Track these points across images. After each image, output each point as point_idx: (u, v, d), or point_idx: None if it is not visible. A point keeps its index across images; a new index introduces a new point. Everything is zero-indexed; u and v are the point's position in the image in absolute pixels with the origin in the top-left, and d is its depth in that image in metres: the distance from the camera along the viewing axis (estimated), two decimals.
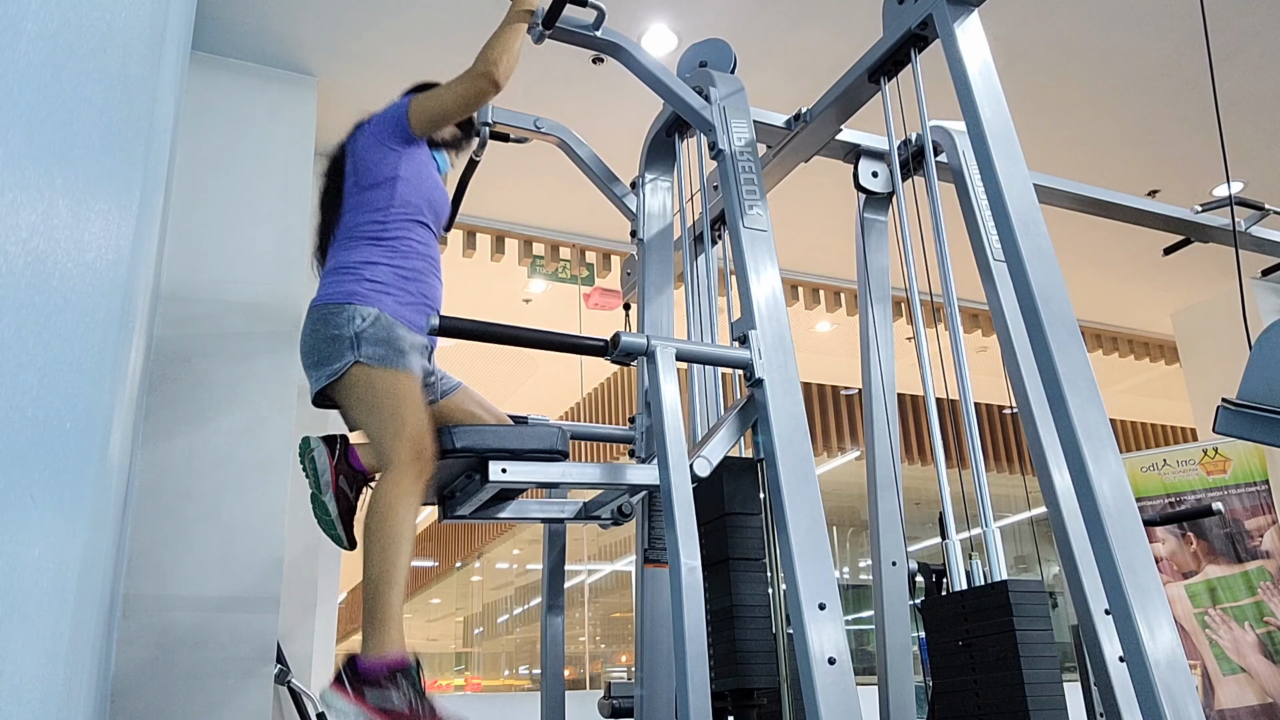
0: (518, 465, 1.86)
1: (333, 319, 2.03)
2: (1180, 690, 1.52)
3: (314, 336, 2.05)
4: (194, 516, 2.97)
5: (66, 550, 0.80)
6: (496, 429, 1.92)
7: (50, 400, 0.62)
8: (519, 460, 1.87)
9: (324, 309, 2.06)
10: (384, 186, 2.16)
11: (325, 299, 2.08)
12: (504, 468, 1.85)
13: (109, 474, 1.28)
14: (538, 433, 1.92)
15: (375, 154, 2.18)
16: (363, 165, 2.18)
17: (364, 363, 1.98)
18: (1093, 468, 1.66)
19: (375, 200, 2.15)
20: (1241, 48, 3.71)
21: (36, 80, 0.50)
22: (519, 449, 1.87)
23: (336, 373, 1.99)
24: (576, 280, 5.02)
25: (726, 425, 1.92)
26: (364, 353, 1.99)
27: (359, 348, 1.99)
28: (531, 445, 1.89)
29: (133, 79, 1.00)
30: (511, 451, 1.87)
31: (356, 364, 1.98)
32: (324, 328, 2.03)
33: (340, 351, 2.00)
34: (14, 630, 0.57)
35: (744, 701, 2.06)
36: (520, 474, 1.86)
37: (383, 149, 2.18)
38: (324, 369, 2.01)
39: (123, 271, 1.12)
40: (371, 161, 2.17)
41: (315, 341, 2.04)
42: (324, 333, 2.03)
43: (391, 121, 2.20)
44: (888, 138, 2.36)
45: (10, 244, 0.47)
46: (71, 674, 1.01)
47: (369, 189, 2.16)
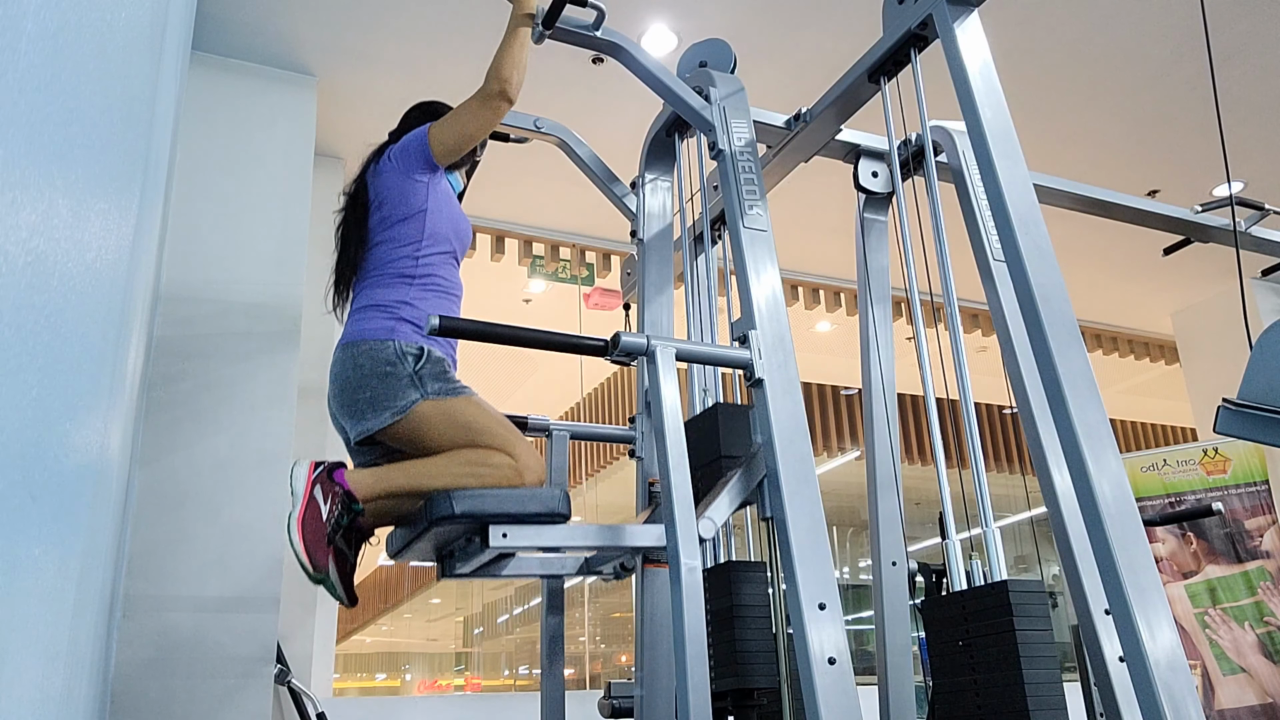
0: (518, 529, 1.84)
1: (378, 354, 2.00)
2: (1180, 690, 1.52)
3: (358, 373, 2.01)
4: (194, 516, 2.97)
5: (66, 550, 0.80)
6: (497, 493, 1.87)
7: (50, 400, 0.62)
8: (519, 524, 1.84)
9: (365, 345, 2.02)
10: (414, 220, 2.14)
11: (365, 335, 2.04)
12: (504, 532, 1.82)
13: (109, 474, 1.28)
14: (539, 495, 1.89)
15: (402, 187, 2.16)
16: (389, 199, 2.16)
17: (433, 399, 1.97)
18: (1093, 468, 1.66)
19: (406, 234, 2.14)
20: (1241, 48, 3.71)
21: (36, 80, 0.50)
22: (519, 513, 1.84)
23: (402, 410, 1.96)
24: (576, 280, 5.02)
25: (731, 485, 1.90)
26: (430, 389, 1.97)
27: (424, 385, 1.98)
28: (532, 509, 1.86)
29: (133, 79, 1.00)
30: (511, 515, 1.84)
31: (425, 401, 1.96)
32: (370, 364, 2.00)
33: (400, 389, 1.97)
34: (14, 630, 0.57)
35: (744, 701, 2.06)
36: (521, 539, 1.84)
37: (409, 181, 2.16)
38: (383, 407, 1.97)
39: (123, 271, 1.12)
40: (399, 195, 2.15)
41: (361, 378, 2.00)
42: (372, 369, 1.99)
43: (414, 152, 2.17)
44: (888, 138, 2.36)
45: (10, 244, 0.47)
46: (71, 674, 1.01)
47: (398, 223, 2.14)
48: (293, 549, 1.85)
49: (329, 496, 1.90)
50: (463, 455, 1.95)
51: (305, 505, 1.88)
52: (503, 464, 1.94)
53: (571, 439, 2.70)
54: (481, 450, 1.96)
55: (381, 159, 2.23)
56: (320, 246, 3.94)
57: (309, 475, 1.92)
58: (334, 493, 1.91)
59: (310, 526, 1.87)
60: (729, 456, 2.09)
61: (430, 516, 1.83)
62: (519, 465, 1.95)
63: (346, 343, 2.06)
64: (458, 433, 1.97)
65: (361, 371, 2.00)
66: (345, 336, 2.09)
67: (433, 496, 1.84)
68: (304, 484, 1.90)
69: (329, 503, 1.90)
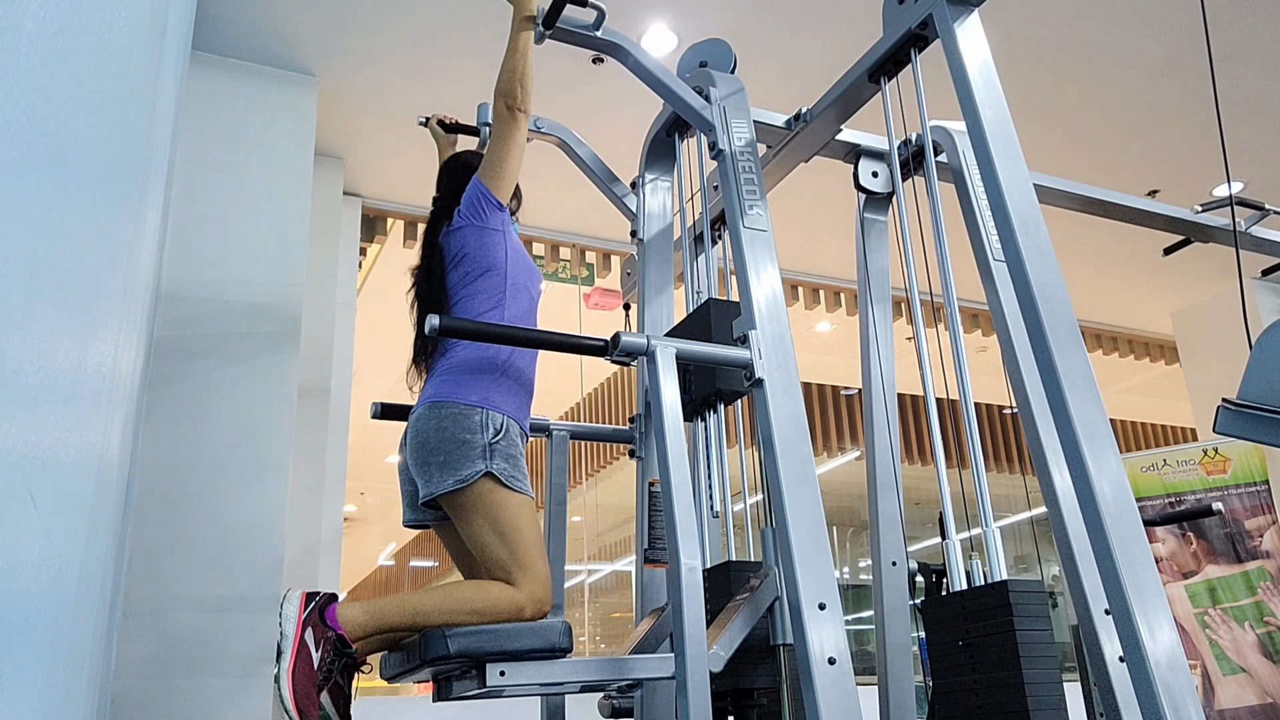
0: (516, 667, 1.78)
1: (464, 420, 1.98)
2: (1180, 690, 1.52)
3: (440, 435, 1.98)
4: (194, 516, 2.97)
5: (66, 550, 0.80)
6: (494, 630, 1.80)
7: (50, 400, 0.62)
8: (518, 661, 1.79)
9: (454, 408, 1.99)
10: (496, 271, 2.14)
11: (456, 398, 2.01)
12: (502, 670, 1.77)
13: (109, 474, 1.28)
14: (538, 630, 1.82)
15: (480, 240, 2.15)
16: (470, 254, 2.15)
17: (495, 476, 1.95)
18: (1093, 468, 1.66)
19: (489, 287, 2.13)
20: (1241, 48, 3.71)
21: (36, 80, 0.50)
22: (517, 650, 1.78)
23: (466, 480, 1.93)
24: (576, 280, 5.02)
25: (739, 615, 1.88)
26: (496, 466, 1.95)
27: (491, 459, 1.95)
28: (530, 644, 1.80)
29: (133, 79, 1.00)
30: (509, 653, 1.78)
31: (488, 475, 1.94)
32: (454, 428, 1.97)
33: (471, 458, 1.95)
34: (14, 630, 0.57)
35: (744, 701, 2.06)
36: (519, 677, 1.78)
37: (486, 233, 2.16)
38: (450, 473, 1.95)
39: (123, 271, 1.12)
40: (478, 249, 2.15)
41: (441, 440, 1.97)
42: (453, 434, 1.97)
43: (481, 204, 2.16)
44: (888, 138, 2.36)
45: (10, 244, 0.47)
46: (71, 674, 1.01)
47: (480, 277, 2.14)
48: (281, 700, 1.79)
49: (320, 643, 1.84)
50: (460, 590, 1.91)
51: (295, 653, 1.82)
52: (502, 598, 1.89)
53: (571, 439, 2.70)
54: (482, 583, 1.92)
55: (452, 218, 2.21)
56: (320, 246, 3.95)
57: (299, 616, 1.86)
58: (326, 638, 1.85)
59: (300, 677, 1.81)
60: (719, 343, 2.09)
61: (424, 656, 1.77)
62: (521, 598, 1.90)
63: (435, 401, 2.02)
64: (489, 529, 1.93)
65: (443, 434, 1.97)
66: (434, 395, 2.04)
67: (428, 634, 1.79)
68: (294, 626, 1.84)
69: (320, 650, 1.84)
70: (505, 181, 2.16)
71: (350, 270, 4.31)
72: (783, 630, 1.86)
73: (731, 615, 1.89)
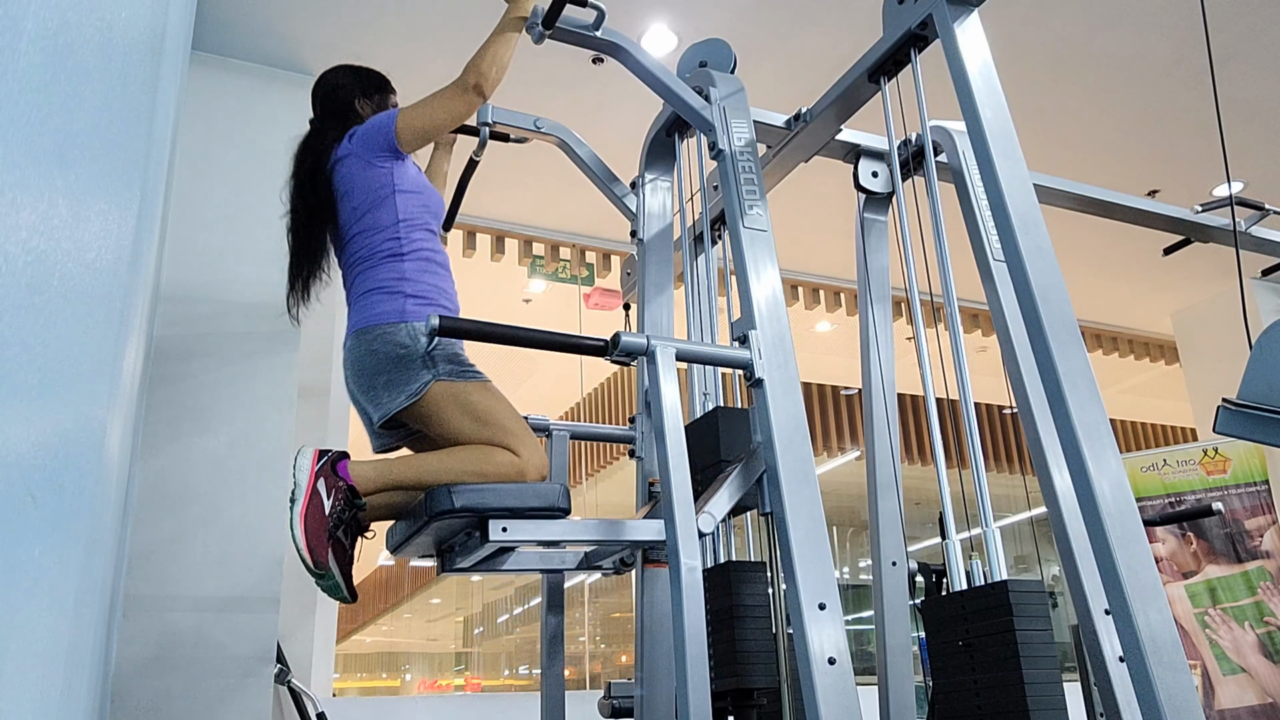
0: (518, 524, 1.85)
1: (391, 337, 2.00)
2: (1180, 690, 1.52)
3: (374, 358, 2.01)
4: (194, 516, 2.97)
5: (66, 550, 0.80)
6: (497, 488, 1.88)
7: (50, 400, 0.62)
8: (519, 518, 1.85)
9: (378, 330, 2.02)
10: (385, 205, 2.13)
11: (374, 320, 2.04)
12: (504, 526, 1.84)
13: (109, 474, 1.28)
14: (539, 490, 1.90)
15: (366, 175, 2.14)
16: (357, 189, 2.14)
17: (444, 379, 1.97)
18: (1093, 468, 1.66)
19: (381, 220, 2.13)
20: (1241, 48, 3.71)
21: (36, 80, 0.50)
22: (519, 507, 1.86)
23: (416, 393, 1.96)
24: (576, 280, 5.02)
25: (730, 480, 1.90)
26: (442, 370, 1.98)
27: (435, 365, 1.98)
28: (532, 504, 1.87)
29: (133, 79, 1.00)
30: (511, 510, 1.85)
31: (437, 382, 1.97)
32: (384, 347, 2.00)
33: (414, 372, 1.97)
34: (14, 630, 0.57)
35: (744, 701, 2.06)
36: (520, 533, 1.85)
37: (372, 168, 2.14)
38: (399, 390, 1.98)
39: (123, 271, 1.12)
40: (365, 183, 2.14)
41: (378, 363, 2.00)
42: (387, 352, 1.99)
43: (378, 137, 2.14)
44: (888, 138, 2.36)
45: (10, 244, 0.47)
46: (71, 674, 1.01)
47: (370, 210, 2.13)
48: (294, 543, 1.85)
49: (332, 491, 1.90)
50: (466, 451, 1.96)
51: (308, 499, 1.88)
52: (505, 461, 1.95)
53: (571, 439, 2.70)
54: (485, 447, 1.96)
55: (337, 145, 2.19)
56: None
57: (313, 466, 1.92)
58: (337, 487, 1.91)
59: (312, 521, 1.87)
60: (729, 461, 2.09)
61: (430, 511, 1.84)
62: (521, 462, 1.96)
63: (359, 329, 2.05)
64: (467, 420, 1.98)
65: (377, 357, 2.01)
66: (356, 323, 2.08)
67: (433, 490, 1.85)
68: (307, 475, 1.90)
69: (332, 497, 1.90)
70: (418, 136, 2.13)
71: None
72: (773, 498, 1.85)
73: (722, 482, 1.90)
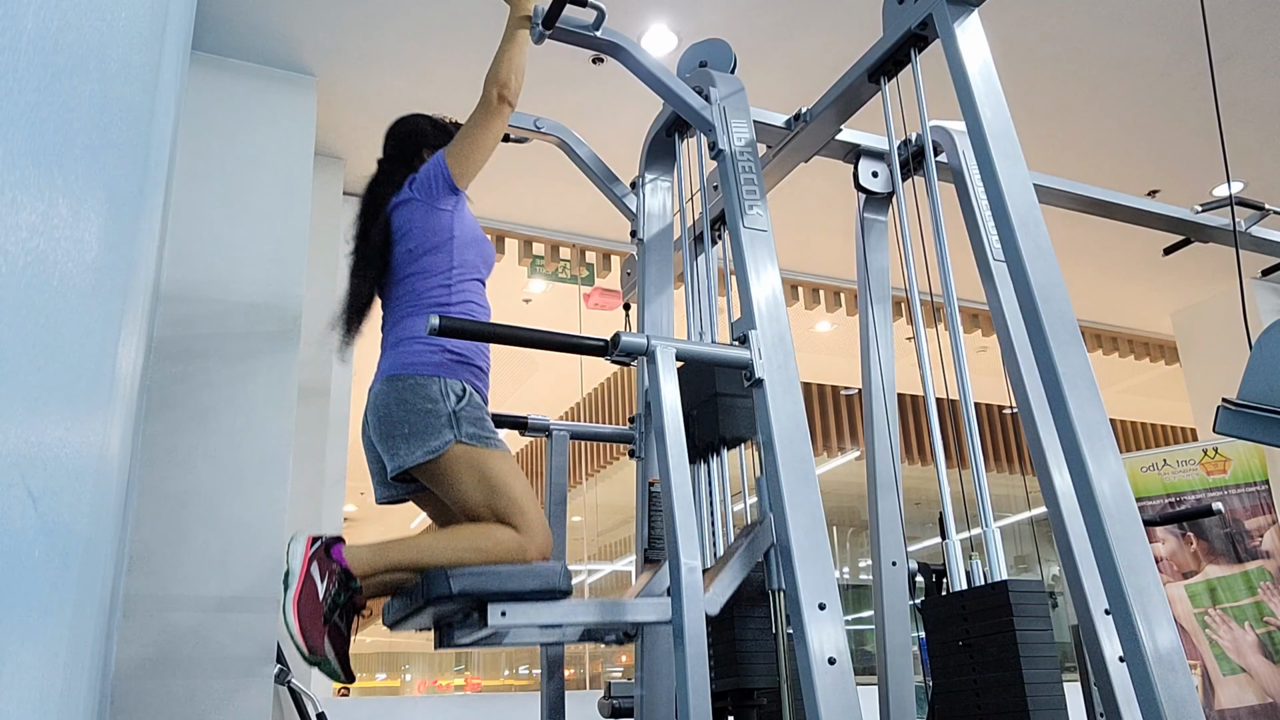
0: (517, 607, 1.80)
1: (422, 390, 1.98)
2: (1180, 690, 1.52)
3: (401, 408, 1.99)
4: (194, 516, 2.97)
5: (67, 550, 0.80)
6: (496, 570, 1.83)
7: (50, 400, 0.62)
8: (519, 601, 1.81)
9: (409, 380, 2.00)
10: (442, 250, 2.13)
11: (409, 369, 2.02)
12: (503, 610, 1.79)
13: (109, 474, 1.28)
14: (539, 572, 1.85)
15: (427, 218, 2.14)
16: (415, 231, 2.14)
17: (465, 443, 1.95)
18: (1093, 468, 1.66)
19: (436, 264, 2.12)
20: (1241, 48, 3.71)
21: (36, 80, 0.50)
22: (518, 590, 1.81)
23: (435, 451, 1.95)
24: (576, 280, 5.02)
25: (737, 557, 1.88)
26: (464, 432, 1.96)
27: (459, 426, 1.96)
28: (531, 586, 1.82)
29: (133, 79, 1.00)
30: (511, 593, 1.80)
31: (458, 444, 1.95)
32: (414, 399, 1.98)
33: (437, 428, 1.96)
34: (14, 630, 0.57)
35: (744, 701, 2.06)
36: (520, 617, 1.80)
37: (434, 212, 2.14)
38: (419, 444, 1.95)
39: (123, 271, 1.12)
40: (424, 226, 2.14)
41: (404, 414, 1.98)
42: (415, 405, 1.97)
43: (437, 182, 2.14)
44: (888, 138, 2.36)
45: (10, 244, 0.47)
46: (71, 674, 1.01)
47: (426, 254, 2.13)
48: (288, 629, 1.80)
49: (326, 575, 1.86)
50: (464, 531, 1.93)
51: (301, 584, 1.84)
52: (506, 539, 1.91)
53: (571, 439, 2.70)
54: (485, 525, 1.94)
55: (399, 190, 2.19)
56: (320, 246, 3.95)
57: (306, 552, 1.87)
58: (331, 570, 1.86)
59: (306, 607, 1.82)
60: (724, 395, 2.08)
61: (427, 595, 1.78)
62: (523, 541, 1.92)
63: (392, 375, 2.03)
64: (479, 488, 1.95)
65: (405, 407, 1.98)
66: (388, 369, 2.05)
67: (430, 574, 1.79)
68: (300, 561, 1.86)
69: (326, 581, 1.85)
70: (471, 167, 2.14)
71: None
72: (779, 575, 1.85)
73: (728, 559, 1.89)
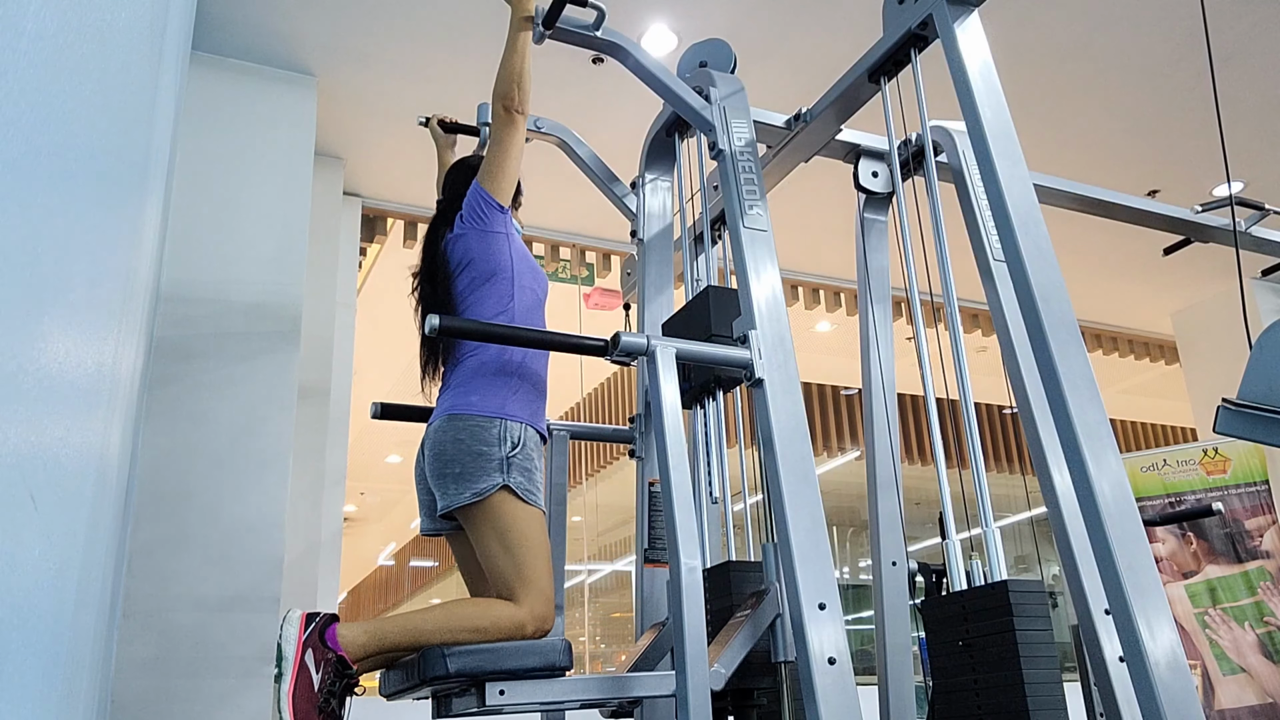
0: (516, 685, 1.78)
1: (483, 433, 1.96)
2: (1180, 690, 1.52)
3: (456, 448, 1.96)
4: (194, 516, 2.97)
5: (66, 550, 0.80)
6: (493, 649, 1.79)
7: (50, 400, 0.62)
8: (517, 679, 1.78)
9: (471, 420, 1.98)
10: (502, 276, 2.12)
11: (471, 409, 1.99)
12: (501, 689, 1.77)
13: (109, 474, 1.28)
14: (538, 649, 1.81)
15: (484, 245, 2.13)
16: (476, 259, 2.13)
17: (511, 490, 1.94)
18: (1093, 468, 1.66)
19: (497, 292, 2.12)
20: (1241, 48, 3.71)
21: (36, 80, 0.50)
22: (517, 669, 1.78)
23: (482, 494, 1.92)
24: (576, 280, 5.02)
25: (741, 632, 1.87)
26: (513, 480, 1.94)
27: (509, 473, 1.94)
28: (530, 664, 1.79)
29: (133, 79, 1.00)
30: (509, 672, 1.77)
31: (504, 489, 1.93)
32: (471, 440, 1.96)
33: (488, 471, 1.93)
34: (14, 630, 0.57)
35: (744, 701, 2.06)
36: (519, 696, 1.78)
37: (489, 236, 2.13)
38: (468, 485, 1.93)
39: (123, 271, 1.12)
40: (483, 253, 2.13)
41: (458, 453, 1.96)
42: (470, 446, 1.95)
43: (482, 208, 2.14)
44: (888, 138, 2.36)
45: (10, 244, 0.47)
46: (71, 674, 1.01)
47: (486, 282, 2.12)
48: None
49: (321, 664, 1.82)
50: (461, 607, 1.90)
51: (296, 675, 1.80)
52: (503, 616, 1.88)
53: (571, 439, 2.70)
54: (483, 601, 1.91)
55: (454, 225, 2.19)
56: (320, 246, 3.95)
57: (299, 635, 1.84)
58: (326, 660, 1.83)
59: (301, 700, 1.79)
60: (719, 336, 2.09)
61: (424, 675, 1.76)
62: (521, 616, 1.89)
63: (453, 413, 2.01)
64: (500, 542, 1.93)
65: (460, 446, 1.96)
66: (451, 406, 2.03)
67: (427, 653, 1.78)
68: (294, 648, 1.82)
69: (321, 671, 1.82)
70: (505, 183, 2.15)
71: (350, 270, 4.31)
72: (784, 647, 1.86)
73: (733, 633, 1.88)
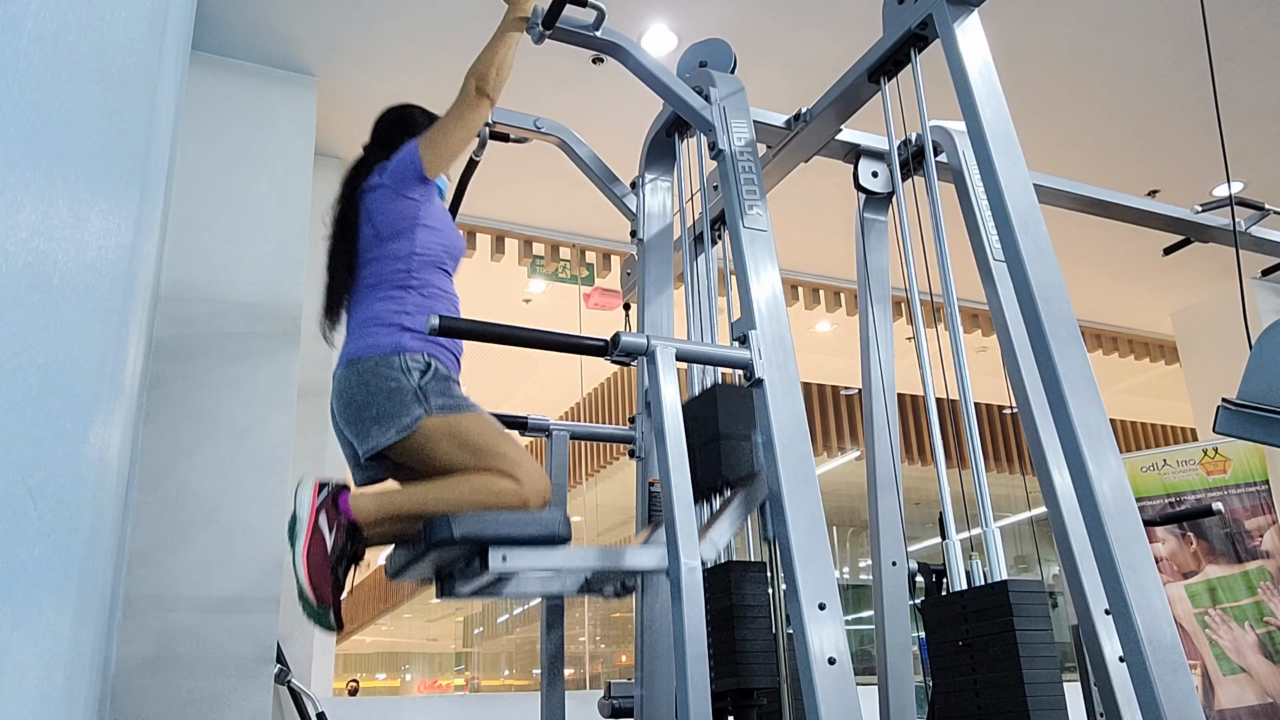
0: (518, 552, 1.83)
1: (383, 370, 1.97)
2: (1180, 690, 1.52)
3: (365, 390, 1.97)
4: (194, 516, 2.97)
5: (67, 550, 0.80)
6: (497, 516, 1.86)
7: (50, 400, 0.62)
8: (519, 546, 1.83)
9: (370, 361, 1.99)
10: (405, 235, 2.12)
11: (367, 350, 2.01)
12: (504, 555, 1.81)
13: (109, 474, 1.28)
14: (539, 519, 1.88)
15: (393, 204, 2.13)
16: (382, 218, 2.14)
17: (437, 414, 1.95)
18: (1093, 468, 1.66)
19: (398, 249, 2.12)
20: (1241, 48, 3.71)
21: (36, 80, 0.50)
22: (519, 536, 1.83)
23: (407, 428, 1.93)
24: (576, 280, 5.02)
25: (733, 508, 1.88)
26: (434, 405, 1.95)
27: (427, 400, 1.95)
28: (532, 532, 1.85)
29: (133, 79, 1.00)
30: (511, 538, 1.83)
31: (429, 417, 1.94)
32: (376, 380, 1.97)
33: (405, 406, 1.94)
34: (14, 630, 0.57)
35: (744, 701, 2.06)
36: (521, 561, 1.83)
37: (400, 199, 2.14)
38: (388, 425, 1.94)
39: (123, 271, 1.12)
40: (391, 212, 2.13)
41: (368, 396, 1.97)
42: (378, 385, 1.96)
43: (407, 170, 2.14)
44: (888, 138, 2.36)
45: (10, 244, 0.47)
46: (71, 674, 1.01)
47: (390, 239, 2.12)
48: (298, 582, 1.81)
49: (334, 526, 1.86)
50: (468, 479, 1.93)
51: (310, 536, 1.84)
52: (507, 489, 1.92)
53: (571, 439, 2.70)
54: (486, 474, 1.94)
55: (370, 176, 2.19)
56: (320, 246, 3.94)
57: (313, 500, 1.88)
58: (339, 523, 1.87)
59: (315, 559, 1.83)
60: (727, 436, 2.09)
61: (429, 540, 1.80)
62: (523, 490, 1.93)
63: (351, 359, 2.03)
64: (462, 452, 1.95)
65: (368, 389, 1.97)
66: (348, 353, 2.05)
67: (432, 520, 1.82)
68: (308, 510, 1.86)
69: (334, 533, 1.86)
70: (442, 159, 2.13)
71: None
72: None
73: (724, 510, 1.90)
